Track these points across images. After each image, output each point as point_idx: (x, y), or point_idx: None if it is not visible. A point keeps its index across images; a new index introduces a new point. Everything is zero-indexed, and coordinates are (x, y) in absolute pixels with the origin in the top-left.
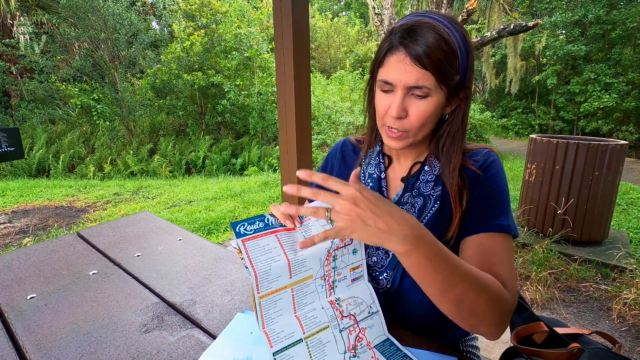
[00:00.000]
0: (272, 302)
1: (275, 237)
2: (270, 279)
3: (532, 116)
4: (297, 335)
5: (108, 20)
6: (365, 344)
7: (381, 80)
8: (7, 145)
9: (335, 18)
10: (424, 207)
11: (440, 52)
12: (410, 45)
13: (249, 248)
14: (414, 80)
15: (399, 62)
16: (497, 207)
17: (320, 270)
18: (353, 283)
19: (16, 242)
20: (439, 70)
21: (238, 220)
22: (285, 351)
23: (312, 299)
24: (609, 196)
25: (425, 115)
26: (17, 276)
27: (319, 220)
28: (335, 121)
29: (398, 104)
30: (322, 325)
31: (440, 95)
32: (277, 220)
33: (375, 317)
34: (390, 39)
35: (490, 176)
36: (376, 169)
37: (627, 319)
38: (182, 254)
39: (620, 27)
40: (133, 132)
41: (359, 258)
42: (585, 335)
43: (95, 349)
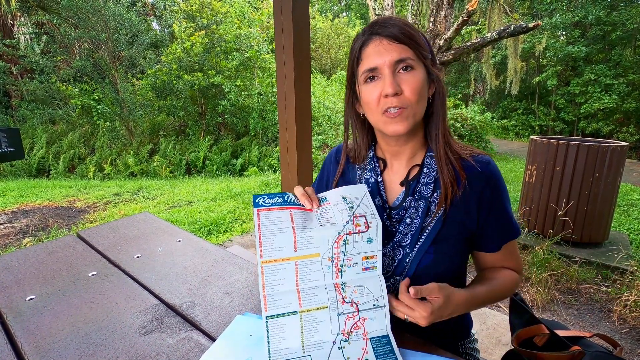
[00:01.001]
0: (274, 270)
1: (289, 212)
2: (274, 247)
3: (532, 117)
4: (293, 307)
5: (109, 21)
6: (362, 332)
7: (365, 71)
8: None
9: (335, 19)
10: (427, 210)
11: (410, 29)
12: (382, 30)
13: (261, 217)
14: (397, 55)
15: (377, 46)
16: (508, 218)
17: (328, 251)
18: (364, 272)
19: (16, 243)
20: (414, 42)
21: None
22: (278, 318)
23: (316, 277)
24: (610, 197)
25: (418, 86)
26: (16, 277)
27: (338, 204)
28: (335, 122)
29: (391, 80)
30: (321, 304)
31: (422, 70)
32: (297, 200)
33: (380, 311)
34: (361, 38)
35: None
36: (372, 173)
37: (627, 320)
38: (181, 255)
39: (620, 28)
40: (133, 132)
41: (375, 248)
42: (586, 337)
43: (94, 351)
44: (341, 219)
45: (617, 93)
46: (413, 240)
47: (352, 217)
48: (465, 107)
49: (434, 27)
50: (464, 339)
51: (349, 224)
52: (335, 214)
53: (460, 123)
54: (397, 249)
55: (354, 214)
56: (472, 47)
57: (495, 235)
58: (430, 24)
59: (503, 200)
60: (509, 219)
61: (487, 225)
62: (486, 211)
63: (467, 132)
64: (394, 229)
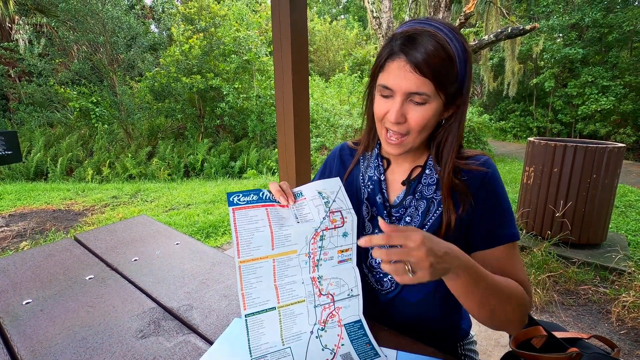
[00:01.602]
0: (251, 269)
1: (265, 210)
2: (251, 247)
3: (530, 119)
4: (271, 303)
5: (107, 24)
6: (336, 320)
7: (381, 85)
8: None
9: (333, 21)
10: (427, 210)
11: (440, 60)
12: (410, 52)
13: (237, 216)
14: (414, 87)
15: (399, 68)
16: (505, 217)
17: (305, 247)
18: (339, 264)
19: (13, 246)
20: (437, 77)
21: (235, 191)
22: (257, 315)
23: (293, 273)
24: (607, 199)
25: (424, 121)
26: (12, 281)
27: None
28: (334, 124)
29: (397, 109)
30: (298, 298)
31: (439, 102)
32: (272, 196)
33: (354, 299)
34: (391, 45)
35: (497, 186)
36: (375, 172)
37: (626, 322)
38: (179, 259)
39: (616, 30)
40: (132, 135)
41: (350, 242)
42: (584, 339)
43: (91, 355)
44: (317, 215)
45: (614, 95)
46: None
47: (329, 213)
48: None
49: None
50: (462, 341)
51: (326, 219)
52: (312, 209)
53: None
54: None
55: (329, 209)
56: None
57: (485, 233)
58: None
59: (499, 201)
60: (504, 219)
61: (480, 224)
62: (480, 210)
63: (465, 134)
64: None
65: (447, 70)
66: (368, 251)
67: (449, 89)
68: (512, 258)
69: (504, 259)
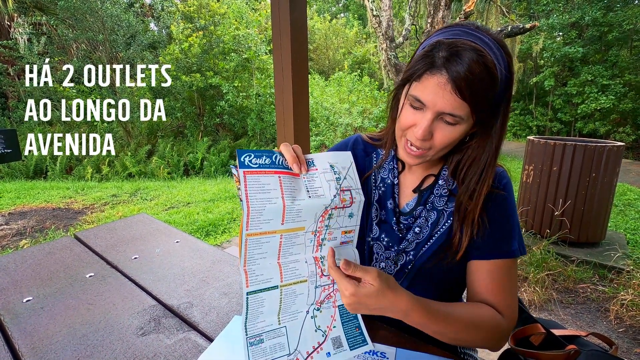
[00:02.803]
0: (258, 243)
1: (278, 178)
2: (262, 219)
3: (529, 118)
4: (274, 281)
5: (106, 22)
6: (332, 301)
7: (413, 96)
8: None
9: (333, 20)
10: (437, 222)
11: (483, 84)
12: (453, 70)
13: (249, 182)
14: (449, 108)
15: (438, 86)
16: (509, 232)
17: (313, 225)
18: (341, 246)
19: (13, 244)
20: (476, 102)
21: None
22: (259, 293)
23: (298, 251)
24: (606, 197)
25: (450, 141)
26: (13, 279)
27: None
28: (333, 123)
29: (425, 127)
30: (301, 278)
31: (469, 123)
32: (285, 161)
33: None
34: (434, 56)
35: (504, 200)
36: (390, 175)
37: (624, 320)
38: (179, 257)
39: (617, 29)
40: (131, 133)
41: (354, 223)
42: (582, 337)
43: (91, 353)
44: (329, 192)
45: (614, 93)
46: (418, 248)
47: (339, 191)
48: None
49: (431, 28)
50: None
51: (336, 198)
52: (323, 183)
53: None
54: (401, 254)
55: (340, 186)
56: None
57: (483, 243)
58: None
59: (507, 215)
60: (509, 234)
61: (482, 235)
62: (485, 222)
63: None
64: (401, 235)
65: (487, 93)
66: (373, 254)
67: (484, 112)
68: (504, 276)
69: (495, 275)
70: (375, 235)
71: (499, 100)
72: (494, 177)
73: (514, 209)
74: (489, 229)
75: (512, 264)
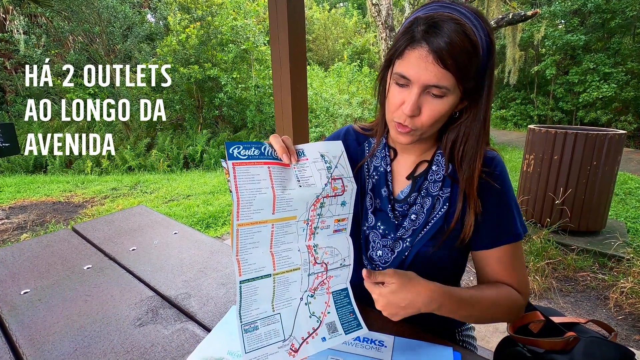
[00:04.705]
0: (249, 233)
1: (267, 168)
2: (252, 209)
3: (530, 107)
4: (267, 270)
5: (102, 13)
6: (326, 287)
7: (398, 74)
8: (3, 141)
9: (332, 9)
10: (432, 208)
11: (464, 52)
12: (433, 41)
13: (237, 173)
14: (434, 80)
15: (420, 58)
16: (510, 216)
17: (305, 214)
18: (335, 234)
19: (14, 238)
20: (460, 71)
21: (234, 142)
22: (252, 282)
23: (290, 240)
24: (607, 186)
25: (439, 115)
26: (11, 271)
27: (316, 162)
28: (333, 114)
29: (413, 102)
30: (294, 266)
31: (456, 95)
32: (274, 152)
33: (344, 269)
34: (413, 31)
35: (502, 185)
36: (382, 162)
37: (623, 307)
38: (177, 248)
39: (619, 16)
40: (130, 126)
41: (347, 211)
42: (581, 324)
43: (89, 343)
44: (319, 180)
45: (616, 82)
46: (414, 234)
47: (330, 180)
48: None
49: None
50: (460, 327)
51: (327, 186)
52: (314, 173)
53: None
54: (397, 242)
55: (331, 175)
56: None
57: (488, 232)
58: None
59: (505, 199)
60: (508, 220)
61: (483, 223)
62: (484, 209)
63: None
64: (397, 222)
65: (470, 62)
66: (369, 243)
67: (470, 82)
68: (513, 258)
69: (504, 260)
70: (371, 224)
71: (483, 69)
72: (490, 161)
73: (512, 191)
74: (490, 217)
75: (518, 245)
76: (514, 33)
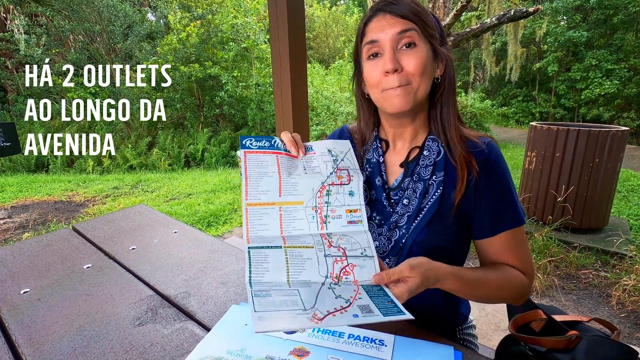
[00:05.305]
0: (258, 214)
1: (275, 157)
2: (259, 190)
3: (532, 104)
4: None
5: (102, 12)
6: (351, 279)
7: (366, 43)
8: (4, 140)
9: (333, 7)
10: (425, 192)
11: (417, 7)
12: (388, 7)
13: (248, 159)
14: (398, 27)
15: (381, 20)
16: (509, 202)
17: (311, 200)
18: (349, 225)
19: (16, 237)
20: (419, 19)
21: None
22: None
23: (301, 226)
24: (610, 183)
25: (420, 62)
26: (10, 271)
27: (323, 156)
28: (334, 112)
29: (391, 55)
30: (307, 244)
31: (427, 48)
32: (284, 145)
33: (368, 260)
34: (367, 15)
35: (498, 170)
36: (374, 154)
37: (626, 305)
38: (177, 247)
39: (622, 11)
40: (131, 125)
41: (357, 202)
42: (583, 322)
43: (88, 343)
44: (325, 170)
45: (618, 78)
46: (409, 221)
47: (336, 169)
48: (465, 94)
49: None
50: (460, 325)
51: (332, 175)
52: (320, 164)
53: (460, 111)
54: (394, 230)
55: (337, 166)
56: (472, 33)
57: (489, 220)
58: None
59: (503, 184)
60: (507, 205)
61: (481, 209)
62: (481, 194)
63: (467, 120)
64: (392, 209)
65: (425, 14)
66: None
67: (433, 36)
68: (516, 243)
69: (508, 245)
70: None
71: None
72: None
73: (509, 175)
74: (491, 205)
75: (521, 229)
76: (516, 30)
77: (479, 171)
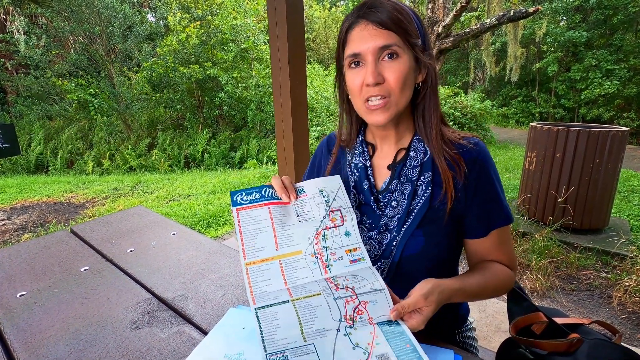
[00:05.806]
0: (259, 271)
1: (267, 209)
2: (256, 247)
3: (532, 104)
4: (283, 298)
5: (102, 13)
6: (366, 318)
7: (349, 56)
8: (3, 142)
9: (333, 8)
10: (413, 193)
11: (399, 14)
12: (369, 15)
13: (241, 217)
14: (381, 41)
15: (362, 30)
16: (498, 201)
17: (309, 247)
18: (352, 264)
19: (15, 239)
20: (401, 29)
21: (238, 190)
22: (269, 307)
23: (304, 274)
24: (610, 183)
25: (401, 75)
26: (7, 274)
27: (315, 197)
28: (334, 112)
29: (372, 69)
30: (313, 292)
31: (409, 56)
32: (274, 192)
33: (380, 294)
34: (348, 20)
35: (487, 169)
36: (361, 158)
37: (627, 306)
38: (175, 249)
39: (622, 12)
40: (131, 126)
41: (354, 241)
42: (585, 325)
43: (84, 347)
44: (318, 214)
45: (618, 78)
46: (399, 224)
47: (329, 212)
48: (464, 95)
49: (432, 14)
50: (459, 328)
51: (326, 218)
52: (313, 207)
53: (459, 111)
54: (384, 233)
55: (330, 208)
56: (471, 33)
57: (480, 220)
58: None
59: (491, 184)
60: (497, 203)
61: (472, 209)
62: (472, 194)
63: (467, 121)
64: (381, 212)
65: (408, 23)
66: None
67: (415, 43)
68: (504, 239)
69: (498, 242)
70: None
71: (424, 37)
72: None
73: (498, 176)
74: (481, 205)
75: (507, 227)
76: (515, 30)
77: (468, 172)
